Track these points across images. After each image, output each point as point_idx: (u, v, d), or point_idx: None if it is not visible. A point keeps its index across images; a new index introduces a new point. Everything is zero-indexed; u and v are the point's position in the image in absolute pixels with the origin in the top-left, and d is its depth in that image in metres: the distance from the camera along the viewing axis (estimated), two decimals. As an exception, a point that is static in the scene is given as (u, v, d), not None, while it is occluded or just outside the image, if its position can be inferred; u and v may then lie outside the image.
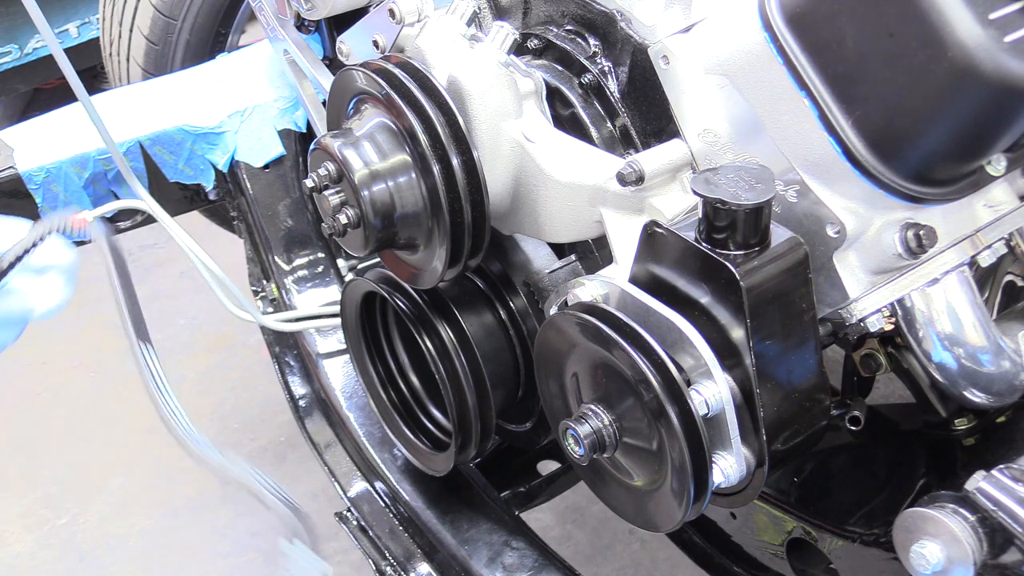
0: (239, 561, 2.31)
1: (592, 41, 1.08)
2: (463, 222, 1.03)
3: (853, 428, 1.17)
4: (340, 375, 1.64)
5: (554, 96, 1.10)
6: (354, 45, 1.21)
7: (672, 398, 0.81)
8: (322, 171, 1.05)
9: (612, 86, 1.06)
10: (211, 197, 1.77)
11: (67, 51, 1.42)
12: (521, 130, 1.05)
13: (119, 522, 2.43)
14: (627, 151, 1.07)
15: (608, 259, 1.03)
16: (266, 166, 1.71)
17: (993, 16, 0.75)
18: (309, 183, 1.06)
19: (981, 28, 0.74)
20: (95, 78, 2.94)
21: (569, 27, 1.11)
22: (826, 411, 0.90)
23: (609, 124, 1.08)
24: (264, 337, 1.82)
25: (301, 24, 1.47)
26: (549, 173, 1.03)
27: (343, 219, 1.04)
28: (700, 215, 0.84)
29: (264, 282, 1.83)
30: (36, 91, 3.37)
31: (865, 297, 0.93)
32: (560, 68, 1.11)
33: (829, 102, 0.85)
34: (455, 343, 1.19)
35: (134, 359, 1.03)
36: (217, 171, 1.70)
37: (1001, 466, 0.88)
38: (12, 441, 2.66)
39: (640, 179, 0.96)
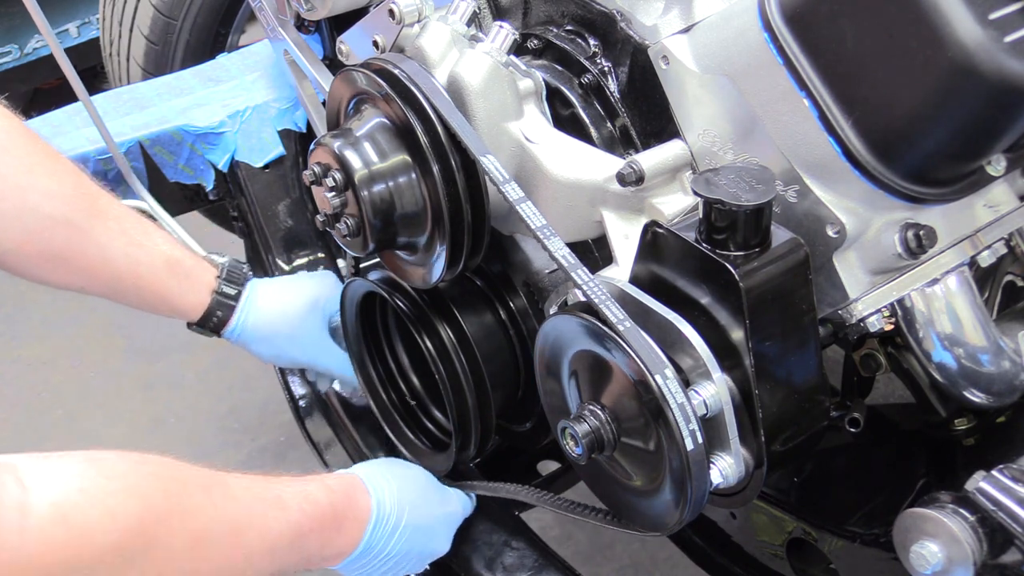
0: (239, 561, 2.30)
1: (592, 41, 1.08)
2: (463, 222, 1.03)
3: (853, 430, 1.17)
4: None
5: (554, 96, 1.10)
6: (354, 45, 1.21)
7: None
8: (319, 171, 1.05)
9: (612, 86, 1.06)
10: (211, 197, 1.77)
11: (67, 51, 1.42)
12: (521, 130, 1.04)
13: (119, 522, 2.42)
14: (627, 151, 1.07)
15: (608, 259, 1.03)
16: (266, 166, 1.71)
17: (993, 16, 0.75)
18: (308, 175, 1.07)
19: (981, 28, 0.74)
20: (95, 78, 2.93)
21: (569, 27, 1.11)
22: (826, 412, 0.90)
23: (609, 124, 1.08)
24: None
25: (301, 24, 1.47)
26: (549, 173, 1.03)
27: (343, 230, 1.05)
28: (700, 216, 0.84)
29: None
30: (36, 91, 3.36)
31: (865, 297, 0.93)
32: (560, 68, 1.11)
33: (829, 102, 0.85)
34: (455, 343, 1.19)
35: None
36: (217, 171, 1.70)
37: (1001, 466, 0.88)
38: (12, 441, 2.65)
39: (640, 179, 0.96)
